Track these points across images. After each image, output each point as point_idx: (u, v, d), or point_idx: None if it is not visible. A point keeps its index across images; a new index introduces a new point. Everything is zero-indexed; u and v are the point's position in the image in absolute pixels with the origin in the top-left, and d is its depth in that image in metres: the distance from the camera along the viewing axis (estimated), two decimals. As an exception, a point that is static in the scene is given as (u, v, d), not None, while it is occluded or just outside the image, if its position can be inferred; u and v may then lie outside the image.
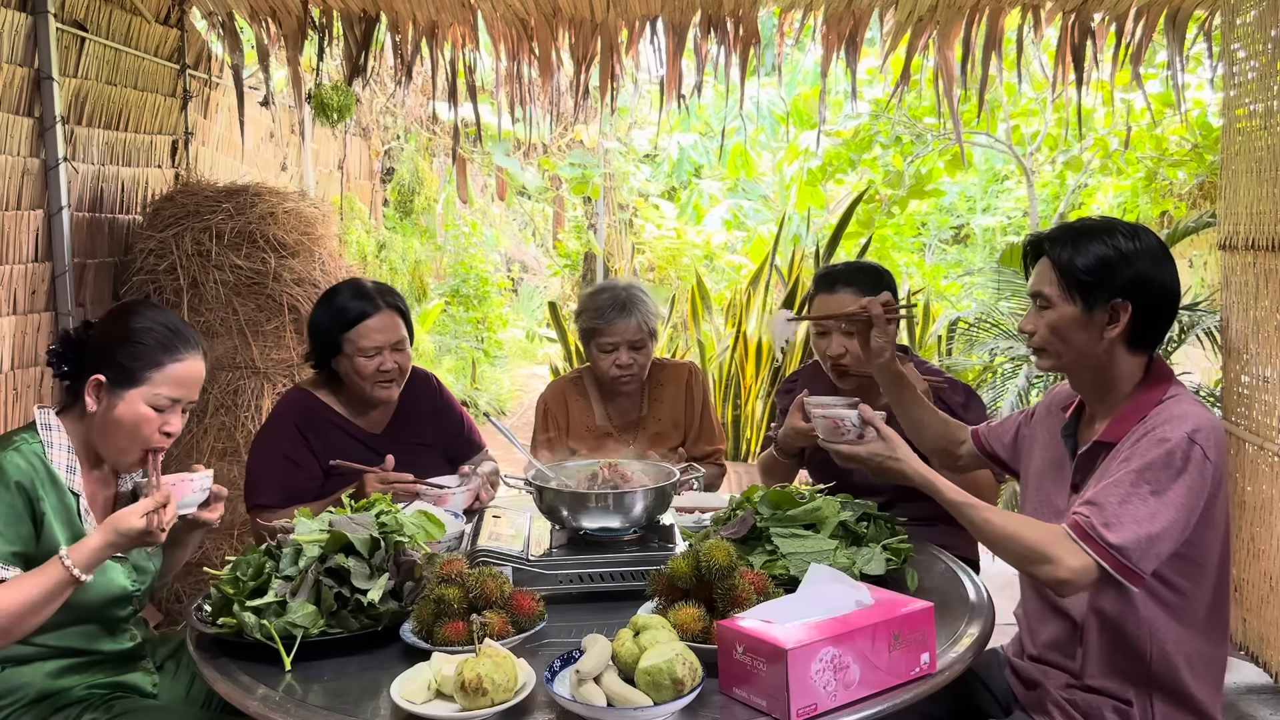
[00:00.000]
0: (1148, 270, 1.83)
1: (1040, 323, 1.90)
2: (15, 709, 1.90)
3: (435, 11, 4.03)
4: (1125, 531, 1.68)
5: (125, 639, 2.06)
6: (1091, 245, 1.84)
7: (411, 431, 2.73)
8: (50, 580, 1.77)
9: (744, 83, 4.21)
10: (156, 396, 1.94)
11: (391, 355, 2.58)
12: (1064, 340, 1.88)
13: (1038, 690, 1.93)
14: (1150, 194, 7.03)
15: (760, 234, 9.09)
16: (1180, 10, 3.97)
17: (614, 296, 2.88)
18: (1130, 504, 1.70)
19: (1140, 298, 1.82)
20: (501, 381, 9.55)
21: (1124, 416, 1.85)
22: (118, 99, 3.75)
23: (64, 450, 1.94)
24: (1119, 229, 1.86)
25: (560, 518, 2.07)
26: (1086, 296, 1.83)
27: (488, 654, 1.50)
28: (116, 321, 2.00)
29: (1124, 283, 1.82)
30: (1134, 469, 1.73)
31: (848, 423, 2.00)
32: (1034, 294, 1.91)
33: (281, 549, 1.84)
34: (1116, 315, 1.83)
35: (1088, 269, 1.83)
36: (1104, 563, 1.68)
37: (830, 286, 2.61)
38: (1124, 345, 1.86)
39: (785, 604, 1.62)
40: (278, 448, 2.60)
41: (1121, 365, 1.88)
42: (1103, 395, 1.91)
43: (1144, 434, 1.77)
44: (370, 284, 2.66)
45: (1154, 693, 1.83)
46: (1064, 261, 1.85)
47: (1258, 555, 3.26)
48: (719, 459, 3.03)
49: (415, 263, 8.46)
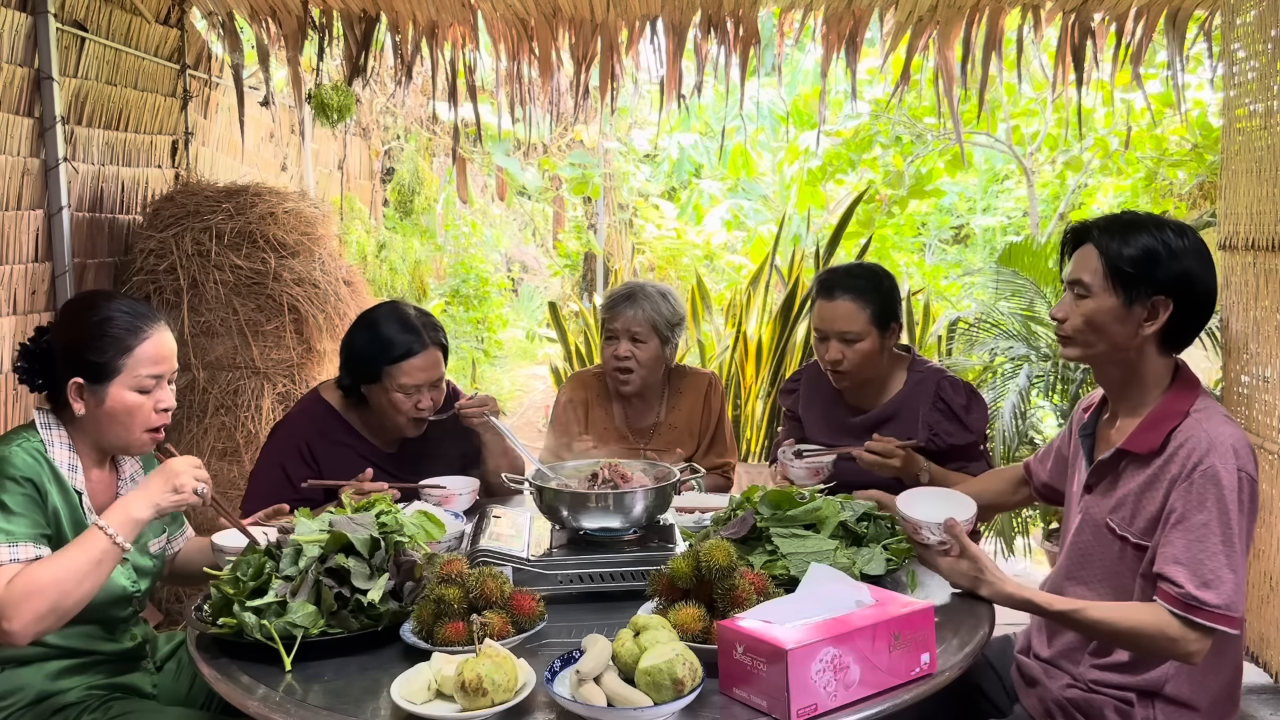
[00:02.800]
0: (1193, 268, 1.80)
1: (1075, 311, 1.86)
2: (14, 710, 1.89)
3: (435, 11, 4.03)
4: (1223, 589, 1.68)
5: (126, 639, 2.05)
6: (1140, 237, 1.81)
7: (425, 449, 2.65)
8: (91, 548, 1.78)
9: (744, 83, 4.21)
10: (138, 379, 1.94)
11: (430, 393, 2.53)
12: (1098, 331, 1.84)
13: (1039, 688, 1.93)
14: (1150, 194, 7.03)
15: (760, 234, 9.09)
16: (1180, 10, 3.97)
17: (627, 288, 2.89)
18: (1214, 557, 1.69)
19: (1182, 296, 1.80)
20: (501, 381, 9.55)
21: (1151, 424, 1.82)
22: (118, 99, 3.75)
23: (65, 448, 1.95)
24: (1168, 224, 1.83)
25: (560, 518, 2.07)
26: (1128, 289, 1.80)
27: (488, 654, 1.50)
28: (72, 321, 1.99)
29: (1169, 279, 1.79)
30: (1202, 520, 1.71)
31: (925, 532, 1.88)
32: (1072, 281, 1.87)
33: (281, 549, 1.84)
34: (1156, 311, 1.80)
35: (1134, 261, 1.79)
36: (1217, 625, 1.68)
37: (829, 293, 2.60)
38: (1156, 344, 1.84)
39: (785, 604, 1.62)
40: (278, 458, 2.55)
41: (1150, 364, 1.85)
42: (1127, 393, 1.89)
43: (1191, 464, 1.73)
44: (414, 314, 2.56)
45: (1157, 698, 1.82)
46: (1111, 251, 1.81)
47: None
48: (728, 472, 3.02)
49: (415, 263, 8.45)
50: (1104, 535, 1.86)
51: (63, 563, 1.77)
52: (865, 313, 2.55)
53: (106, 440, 1.98)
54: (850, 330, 2.55)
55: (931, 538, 1.87)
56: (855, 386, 2.64)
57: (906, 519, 1.90)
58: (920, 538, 1.88)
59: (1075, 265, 1.88)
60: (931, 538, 1.87)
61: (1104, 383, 1.94)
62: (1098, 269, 1.83)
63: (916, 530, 1.88)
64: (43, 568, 1.76)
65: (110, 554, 1.80)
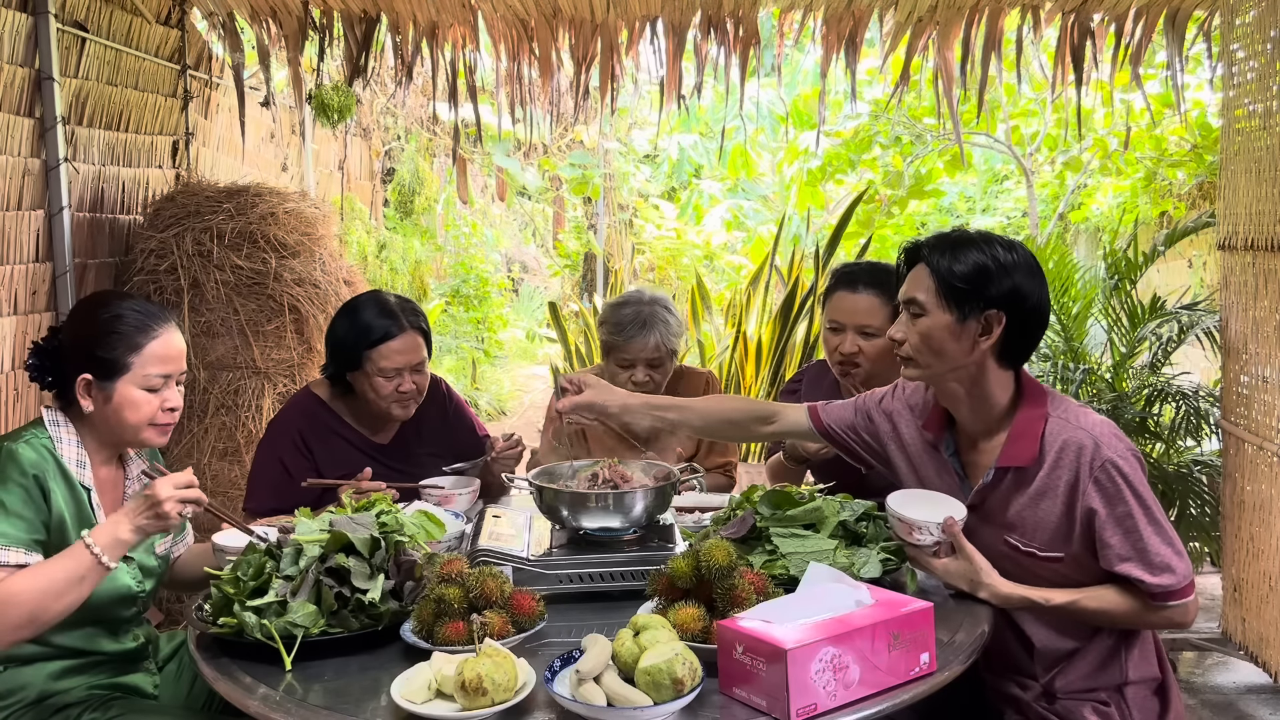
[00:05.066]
0: (1023, 283, 1.84)
1: (912, 330, 1.89)
2: (15, 710, 1.90)
3: (435, 12, 4.03)
4: (1174, 564, 1.78)
5: (129, 640, 2.06)
6: (970, 253, 1.84)
7: (421, 442, 2.69)
8: (75, 564, 1.78)
9: (744, 83, 4.21)
10: (146, 378, 1.95)
11: (412, 377, 2.55)
12: (935, 350, 1.87)
13: (1018, 702, 1.96)
14: (1150, 194, 7.04)
15: (760, 234, 9.10)
16: (1180, 10, 3.97)
17: (636, 313, 2.81)
18: (1150, 539, 1.78)
19: (1014, 310, 1.83)
20: (501, 382, 9.56)
21: (1019, 435, 1.85)
22: (118, 99, 3.75)
23: (73, 445, 1.95)
24: (997, 241, 1.87)
25: (560, 518, 2.07)
26: (961, 305, 1.83)
27: (488, 654, 1.50)
28: (84, 318, 2.00)
29: (1000, 293, 1.83)
30: (1124, 512, 1.78)
31: (920, 533, 1.85)
32: (908, 301, 1.90)
33: (282, 549, 1.84)
34: (990, 326, 1.84)
35: (965, 277, 1.83)
36: (1183, 599, 1.79)
37: (853, 285, 2.59)
38: (994, 358, 1.87)
39: (785, 604, 1.62)
40: (276, 453, 2.58)
41: (992, 379, 1.88)
42: (977, 410, 1.91)
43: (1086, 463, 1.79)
44: (394, 301, 2.61)
45: (1125, 687, 1.90)
46: (942, 269, 1.85)
47: (1258, 555, 3.26)
48: (730, 471, 3.01)
49: (415, 263, 8.45)
50: (1005, 554, 1.89)
51: (46, 575, 1.76)
52: (887, 309, 2.55)
53: (115, 436, 1.99)
54: (870, 324, 2.55)
55: (928, 539, 1.86)
56: (861, 384, 2.64)
57: (902, 519, 1.87)
58: (915, 539, 1.87)
59: (909, 285, 1.91)
60: (928, 539, 1.86)
61: (949, 402, 1.95)
62: (930, 286, 1.86)
63: (911, 531, 1.86)
64: (26, 578, 1.75)
65: (95, 571, 1.79)
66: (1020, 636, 1.94)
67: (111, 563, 1.80)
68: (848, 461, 2.26)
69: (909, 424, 2.06)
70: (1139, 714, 1.89)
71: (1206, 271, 6.41)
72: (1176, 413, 3.96)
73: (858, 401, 2.17)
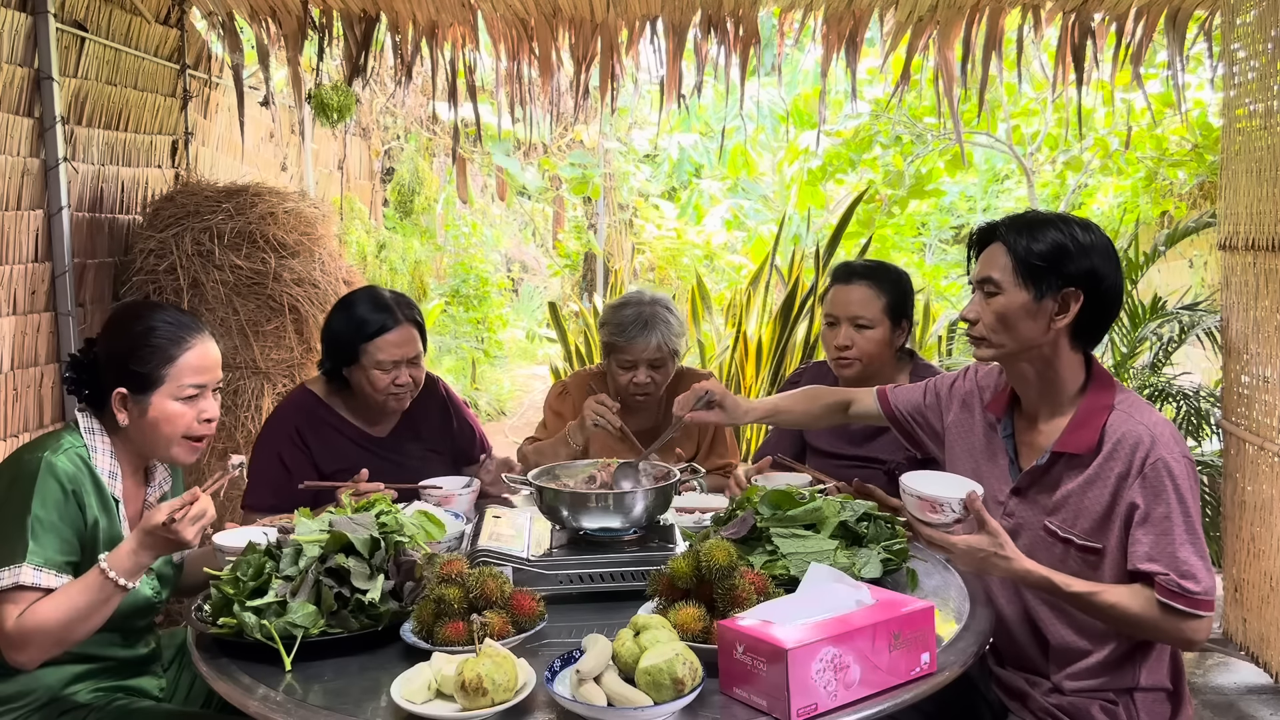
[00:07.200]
0: (1101, 264, 1.83)
1: (986, 310, 1.88)
2: (25, 711, 1.90)
3: (435, 11, 4.03)
4: (1200, 576, 1.73)
5: (141, 646, 2.07)
6: (1048, 232, 1.84)
7: (418, 437, 2.71)
8: (94, 589, 1.78)
9: (744, 83, 4.21)
10: (181, 389, 1.94)
11: (407, 370, 2.57)
12: (1010, 329, 1.85)
13: (1026, 699, 1.95)
14: (1150, 194, 7.03)
15: (760, 234, 9.09)
16: (1180, 10, 3.97)
17: (637, 314, 2.80)
18: (1182, 547, 1.74)
19: (1091, 289, 1.83)
20: (501, 382, 9.55)
21: (1081, 423, 1.84)
22: (118, 99, 3.74)
23: (107, 456, 1.95)
24: (1074, 221, 1.87)
25: (560, 518, 2.07)
26: (1039, 283, 1.82)
27: (488, 654, 1.50)
28: (118, 330, 2.00)
29: (1078, 272, 1.82)
30: (1163, 514, 1.75)
31: (942, 511, 1.77)
32: (981, 280, 1.89)
33: (282, 549, 1.84)
34: (1067, 304, 1.83)
35: (1043, 255, 1.82)
36: (1202, 612, 1.73)
37: (847, 279, 2.64)
38: (1068, 339, 1.86)
39: (785, 604, 1.62)
40: (274, 450, 2.59)
41: (1064, 360, 1.87)
42: (1046, 393, 1.90)
43: (1140, 459, 1.77)
44: (389, 295, 2.63)
45: (1134, 691, 1.88)
46: (1019, 247, 1.84)
47: (1258, 555, 3.26)
48: (730, 472, 3.01)
49: (415, 263, 8.45)
50: (1041, 539, 1.88)
51: (70, 602, 1.78)
52: (880, 301, 2.58)
53: (147, 450, 1.99)
54: (863, 316, 2.57)
55: (949, 516, 1.77)
56: (858, 381, 2.64)
57: (922, 497, 1.79)
58: (934, 517, 1.79)
59: (983, 264, 1.90)
60: (949, 516, 1.77)
61: (1019, 384, 1.95)
62: (1007, 265, 1.85)
63: (934, 508, 1.78)
64: (54, 606, 1.77)
65: (116, 595, 1.80)
66: (1037, 634, 1.93)
67: (128, 583, 1.80)
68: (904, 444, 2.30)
69: (976, 405, 2.06)
70: (1147, 717, 1.88)
71: (1207, 271, 6.40)
72: (1177, 413, 3.96)
73: (928, 383, 2.19)
